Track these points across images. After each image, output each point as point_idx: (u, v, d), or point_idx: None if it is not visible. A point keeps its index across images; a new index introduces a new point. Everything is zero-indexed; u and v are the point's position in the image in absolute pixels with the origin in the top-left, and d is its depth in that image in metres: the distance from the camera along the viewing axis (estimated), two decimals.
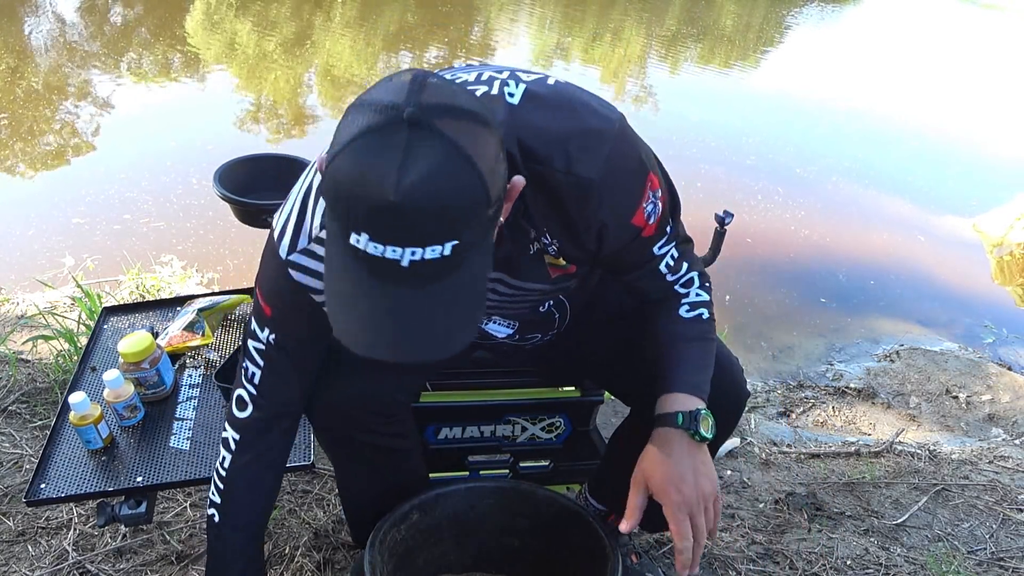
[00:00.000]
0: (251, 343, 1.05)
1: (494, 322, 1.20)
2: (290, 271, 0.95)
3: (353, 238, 0.68)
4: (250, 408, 1.08)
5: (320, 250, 0.91)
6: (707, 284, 1.14)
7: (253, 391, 1.07)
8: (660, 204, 0.99)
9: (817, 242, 4.18)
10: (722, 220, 1.79)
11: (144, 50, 6.37)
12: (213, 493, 1.14)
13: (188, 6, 7.60)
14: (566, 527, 1.30)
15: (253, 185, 1.86)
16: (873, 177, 5.13)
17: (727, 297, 3.51)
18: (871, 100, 6.82)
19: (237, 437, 1.11)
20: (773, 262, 3.94)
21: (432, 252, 0.68)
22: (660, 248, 1.05)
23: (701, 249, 1.86)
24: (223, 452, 1.13)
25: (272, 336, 1.03)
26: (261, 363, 1.05)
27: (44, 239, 3.38)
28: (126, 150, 4.42)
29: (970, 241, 4.24)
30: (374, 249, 0.68)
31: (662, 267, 1.07)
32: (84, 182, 3.97)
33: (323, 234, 0.90)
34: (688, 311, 1.09)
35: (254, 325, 1.05)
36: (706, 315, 1.10)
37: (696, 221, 1.29)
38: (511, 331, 1.22)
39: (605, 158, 0.89)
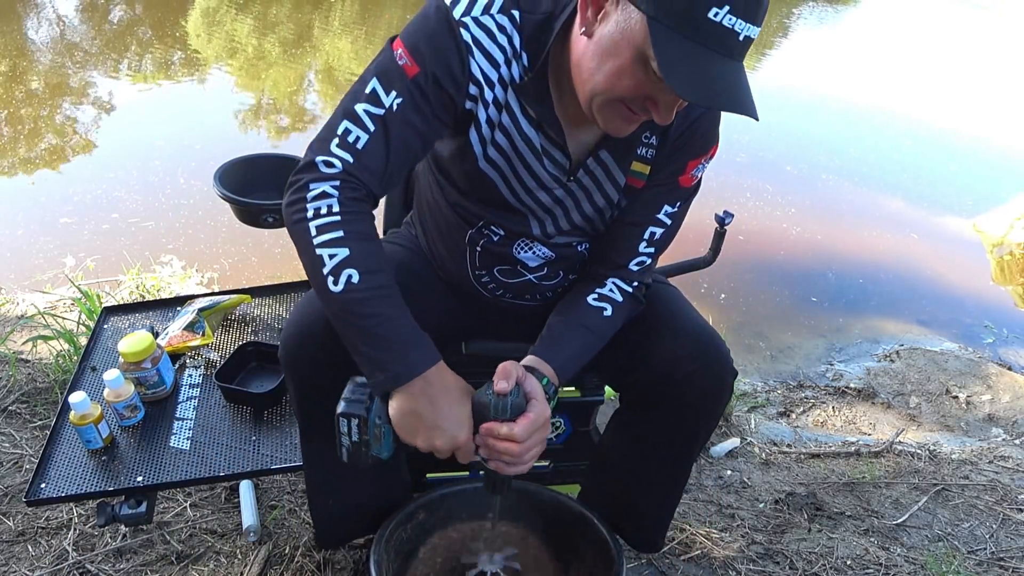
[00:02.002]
0: (363, 106, 1.02)
1: (531, 251, 1.24)
2: (462, 31, 1.02)
3: (713, 12, 0.85)
4: (338, 168, 1.01)
5: (488, 21, 1.02)
6: (637, 291, 1.22)
7: (348, 156, 1.01)
8: (700, 177, 1.20)
9: (808, 240, 4.18)
10: (722, 220, 1.79)
11: (140, 50, 6.37)
12: (327, 252, 0.98)
13: (185, 6, 7.59)
14: (570, 528, 1.31)
15: (253, 185, 1.86)
16: (865, 175, 5.12)
17: (722, 296, 3.51)
18: (864, 99, 6.81)
19: (336, 184, 1.00)
20: (765, 260, 3.94)
21: (754, 32, 0.89)
22: (665, 212, 1.21)
23: (698, 249, 1.87)
24: (319, 208, 0.99)
25: (399, 101, 1.02)
26: (372, 128, 1.02)
27: (44, 239, 3.38)
28: (123, 151, 4.41)
29: (970, 241, 4.24)
30: (730, 21, 0.86)
31: (648, 232, 1.21)
32: (83, 182, 3.97)
33: (495, 13, 1.03)
34: (595, 300, 1.19)
35: (376, 87, 1.02)
36: (608, 312, 1.19)
37: (691, 220, 1.29)
38: (542, 261, 1.26)
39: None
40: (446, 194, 1.24)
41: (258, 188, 1.87)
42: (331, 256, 0.98)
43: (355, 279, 0.97)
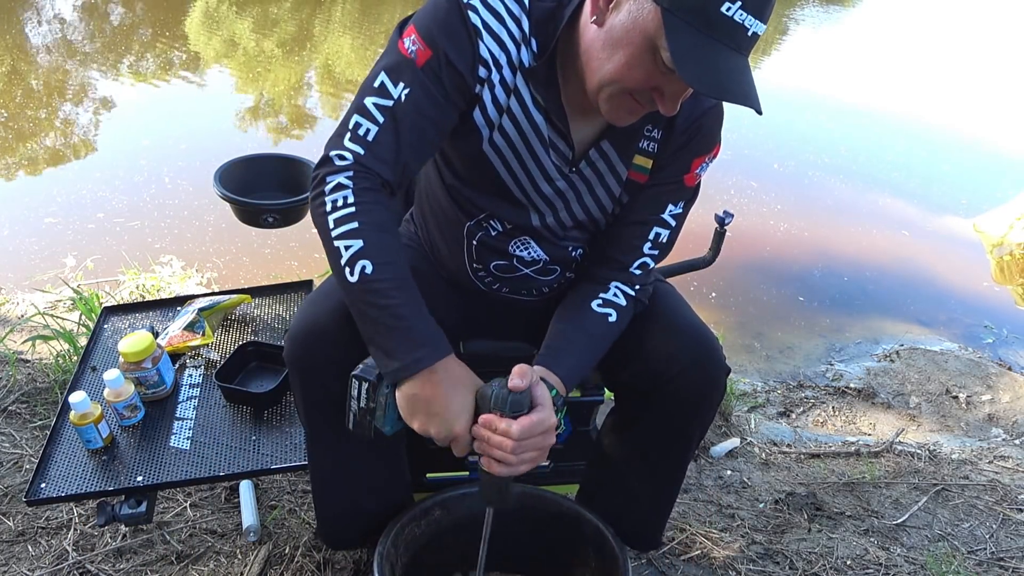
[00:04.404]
0: (372, 99, 1.04)
1: (527, 251, 1.24)
2: (470, 13, 1.03)
3: (726, 6, 0.88)
4: (350, 161, 1.03)
5: (497, 4, 1.04)
6: (640, 293, 1.22)
7: (359, 148, 1.03)
8: (701, 178, 1.21)
9: (804, 239, 4.17)
10: (722, 220, 1.80)
11: (140, 50, 6.37)
12: (343, 243, 1.01)
13: (184, 6, 7.59)
14: (572, 531, 1.30)
15: (253, 185, 1.87)
16: (855, 173, 5.10)
17: (712, 295, 3.51)
18: (856, 97, 6.78)
19: (349, 175, 1.02)
20: (761, 259, 3.93)
21: (761, 29, 0.92)
22: (670, 212, 1.21)
23: (694, 250, 1.87)
24: (336, 200, 1.02)
25: (407, 92, 1.04)
26: (381, 119, 1.04)
27: (44, 240, 3.38)
28: (122, 152, 4.42)
29: (969, 241, 4.23)
30: (740, 16, 0.89)
31: (652, 233, 1.20)
32: (84, 182, 3.98)
33: None
34: (600, 306, 1.19)
35: (385, 80, 1.04)
36: (613, 317, 1.18)
37: (690, 220, 1.29)
38: (540, 257, 1.25)
39: (717, 103, 1.14)
40: (443, 177, 1.23)
41: (258, 188, 1.87)
42: (347, 247, 1.01)
43: (369, 270, 1.00)
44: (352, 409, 1.08)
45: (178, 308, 1.84)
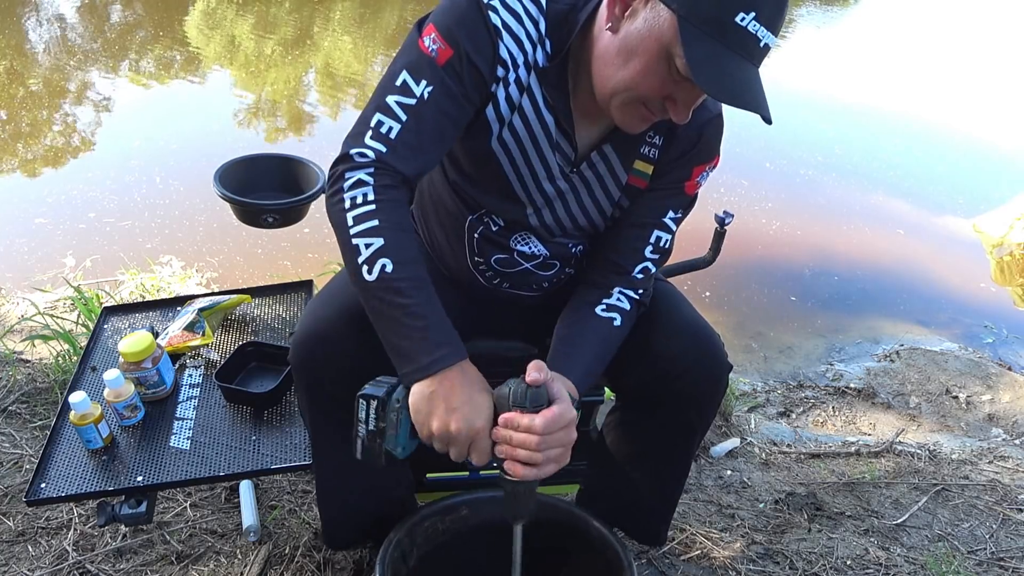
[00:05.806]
0: (394, 98, 1.04)
1: (528, 246, 1.25)
2: (491, 13, 1.03)
3: (741, 16, 0.89)
4: (372, 158, 1.02)
5: (515, 4, 1.04)
6: (643, 297, 1.23)
7: (381, 147, 1.02)
8: (701, 185, 1.22)
9: (790, 236, 4.16)
10: (722, 221, 1.80)
11: (141, 51, 6.37)
12: (363, 241, 1.00)
13: (177, 6, 7.58)
14: (585, 540, 1.30)
15: (253, 185, 1.86)
16: (849, 172, 5.08)
17: (706, 295, 3.51)
18: (851, 96, 6.76)
19: (370, 171, 1.02)
20: (759, 259, 3.92)
21: (772, 42, 0.93)
22: (670, 217, 1.22)
23: (697, 250, 1.87)
24: (355, 197, 1.01)
25: (430, 89, 1.03)
26: (404, 117, 1.03)
27: (44, 239, 3.38)
28: (122, 152, 4.41)
29: (969, 241, 4.23)
30: (754, 27, 0.91)
31: (653, 236, 1.21)
32: (83, 183, 3.97)
33: None
34: (604, 311, 1.19)
35: (407, 78, 1.04)
36: (618, 321, 1.18)
37: (690, 220, 1.29)
38: (540, 252, 1.26)
39: (719, 113, 1.16)
40: (447, 174, 1.23)
41: (258, 188, 1.87)
42: (367, 245, 1.00)
43: (388, 268, 0.99)
44: (360, 435, 1.03)
45: (178, 308, 1.83)
